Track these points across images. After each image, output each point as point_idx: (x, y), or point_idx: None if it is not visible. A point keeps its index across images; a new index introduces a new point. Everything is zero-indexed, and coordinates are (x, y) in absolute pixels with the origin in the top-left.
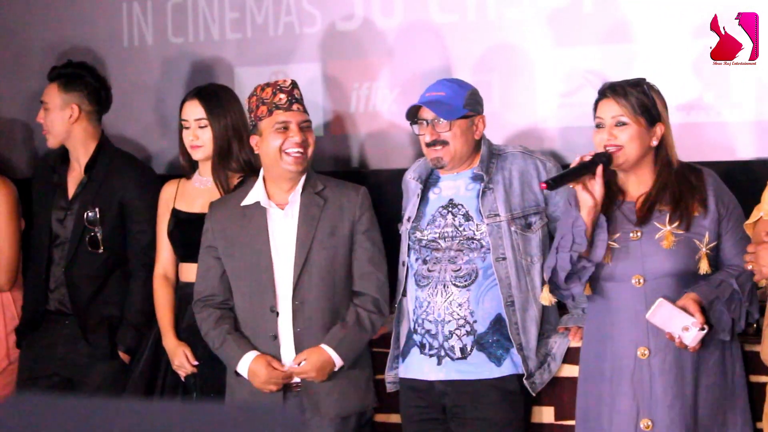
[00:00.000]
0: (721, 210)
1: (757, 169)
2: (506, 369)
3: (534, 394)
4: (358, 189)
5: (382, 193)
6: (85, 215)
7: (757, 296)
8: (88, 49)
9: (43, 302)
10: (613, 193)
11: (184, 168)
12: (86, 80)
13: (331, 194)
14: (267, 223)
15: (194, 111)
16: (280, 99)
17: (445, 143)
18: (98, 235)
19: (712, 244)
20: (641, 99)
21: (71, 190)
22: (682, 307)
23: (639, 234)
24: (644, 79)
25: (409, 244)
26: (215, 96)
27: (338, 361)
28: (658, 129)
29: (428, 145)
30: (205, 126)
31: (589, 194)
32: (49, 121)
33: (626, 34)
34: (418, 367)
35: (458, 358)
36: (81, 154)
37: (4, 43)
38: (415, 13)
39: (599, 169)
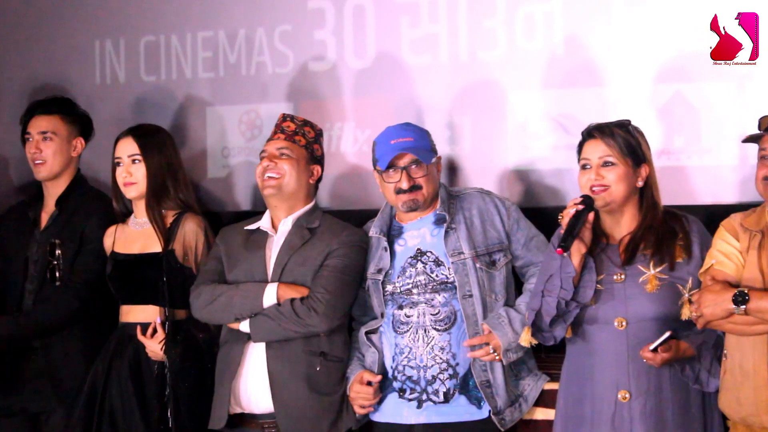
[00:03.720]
0: (704, 257)
1: (728, 213)
2: (486, 411)
3: (503, 430)
4: (353, 230)
5: None
6: (48, 248)
7: None
8: (60, 86)
9: None
10: (597, 235)
11: (117, 213)
12: (83, 117)
13: (321, 232)
14: (265, 245)
15: (128, 148)
16: (272, 131)
17: (420, 188)
18: (57, 269)
19: (695, 291)
20: (627, 139)
21: (44, 224)
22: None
23: (623, 276)
24: (629, 121)
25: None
26: (149, 134)
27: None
28: (643, 170)
29: (404, 191)
30: (139, 162)
31: (581, 241)
32: (51, 152)
33: (598, 77)
34: (395, 410)
35: (440, 402)
36: (59, 188)
37: None
38: (387, 53)
39: (591, 216)
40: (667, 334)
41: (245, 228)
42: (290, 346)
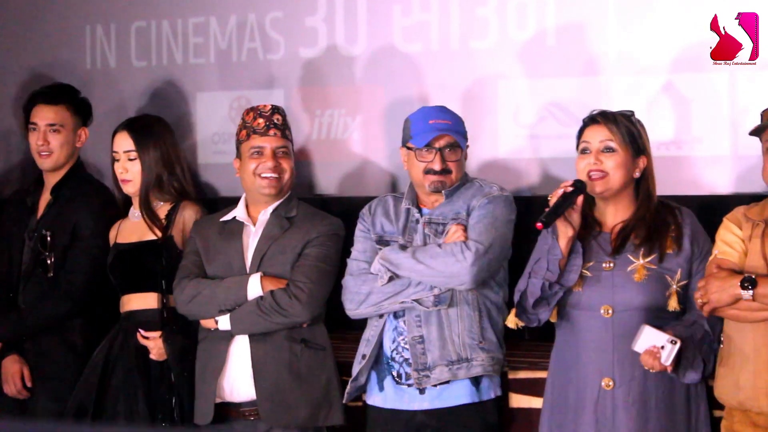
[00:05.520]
0: (695, 250)
1: (720, 204)
2: (485, 393)
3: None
4: (330, 219)
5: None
6: (39, 239)
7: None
8: (50, 71)
9: None
10: (589, 223)
11: (120, 204)
12: (86, 105)
13: (299, 221)
14: (242, 236)
15: (124, 143)
16: (259, 124)
17: (450, 172)
18: (48, 259)
19: (683, 282)
20: (630, 128)
21: (40, 214)
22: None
23: (611, 265)
24: (632, 112)
25: None
26: (146, 128)
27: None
28: (641, 161)
29: (434, 172)
30: (135, 159)
31: (569, 224)
32: (58, 144)
33: (590, 67)
34: (396, 397)
35: (440, 384)
36: (59, 176)
37: None
38: (379, 41)
39: (580, 200)
40: (644, 329)
41: (220, 220)
42: (273, 333)
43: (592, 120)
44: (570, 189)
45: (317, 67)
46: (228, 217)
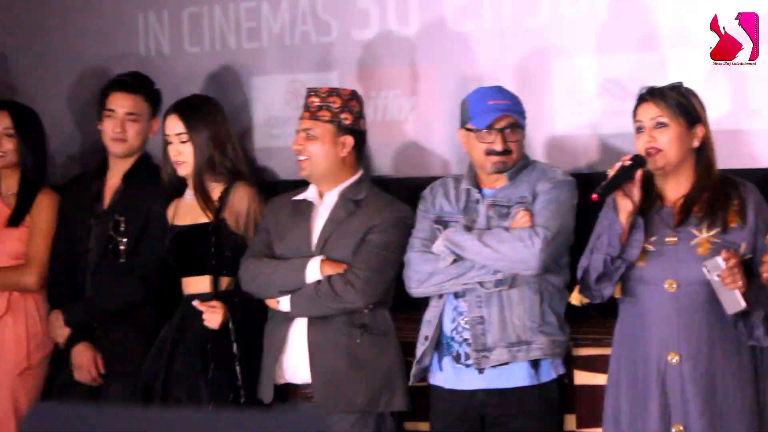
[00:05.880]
0: (759, 224)
1: None
2: (545, 375)
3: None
4: (397, 205)
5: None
6: (111, 224)
7: None
8: (105, 59)
9: None
10: (651, 198)
11: (166, 185)
12: (160, 99)
13: (366, 205)
14: (310, 217)
15: (175, 126)
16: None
17: (511, 152)
18: (120, 245)
19: (747, 256)
20: (679, 100)
21: (107, 200)
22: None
23: (675, 239)
24: (681, 83)
25: None
26: (195, 109)
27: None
28: (699, 130)
29: (496, 153)
30: (186, 141)
31: (628, 199)
32: (134, 133)
33: (646, 42)
34: (456, 377)
35: (499, 365)
36: (127, 164)
37: (28, 64)
38: (432, 21)
39: (638, 174)
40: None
41: (292, 199)
42: (332, 318)
43: (641, 98)
44: (629, 163)
45: (370, 48)
46: (300, 197)
